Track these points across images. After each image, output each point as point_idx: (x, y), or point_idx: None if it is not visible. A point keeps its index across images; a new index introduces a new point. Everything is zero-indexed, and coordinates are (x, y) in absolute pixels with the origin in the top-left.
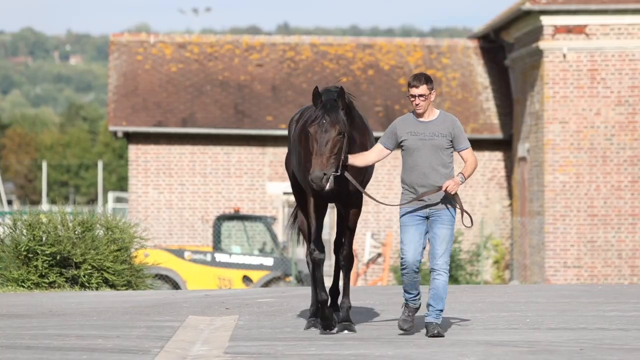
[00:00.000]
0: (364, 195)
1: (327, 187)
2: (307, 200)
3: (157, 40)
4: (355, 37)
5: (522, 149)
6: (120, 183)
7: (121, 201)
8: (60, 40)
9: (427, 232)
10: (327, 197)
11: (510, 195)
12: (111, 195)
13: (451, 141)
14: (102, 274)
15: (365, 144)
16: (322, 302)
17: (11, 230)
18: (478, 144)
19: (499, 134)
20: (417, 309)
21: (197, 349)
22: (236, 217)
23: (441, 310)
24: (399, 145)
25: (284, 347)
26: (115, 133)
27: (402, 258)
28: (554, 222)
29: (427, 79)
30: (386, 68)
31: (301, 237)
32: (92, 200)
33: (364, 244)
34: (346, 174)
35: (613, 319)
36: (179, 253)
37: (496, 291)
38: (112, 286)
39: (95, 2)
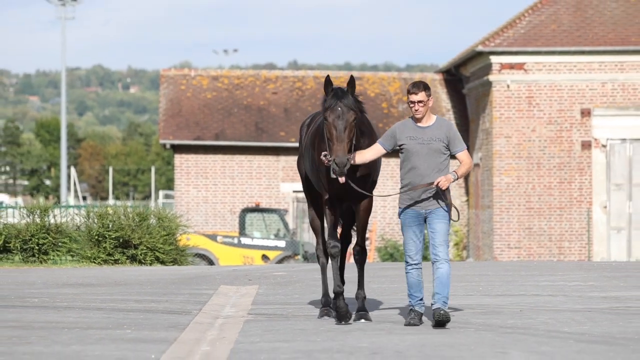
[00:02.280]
0: (374, 191)
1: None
2: (323, 199)
3: (196, 74)
4: (348, 71)
5: (476, 157)
6: (168, 184)
7: (169, 197)
8: (122, 74)
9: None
10: (341, 195)
11: (467, 192)
12: (161, 193)
13: (447, 145)
14: (155, 253)
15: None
16: (338, 293)
17: (85, 220)
18: None
19: None
20: (422, 314)
21: (227, 311)
22: (257, 209)
23: (447, 297)
24: (397, 148)
25: (294, 310)
26: (164, 145)
27: (406, 255)
28: (500, 213)
29: (425, 87)
30: (372, 95)
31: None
32: (147, 197)
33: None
34: (344, 178)
35: (545, 287)
36: (213, 237)
37: (456, 266)
38: (162, 262)
39: (150, 44)
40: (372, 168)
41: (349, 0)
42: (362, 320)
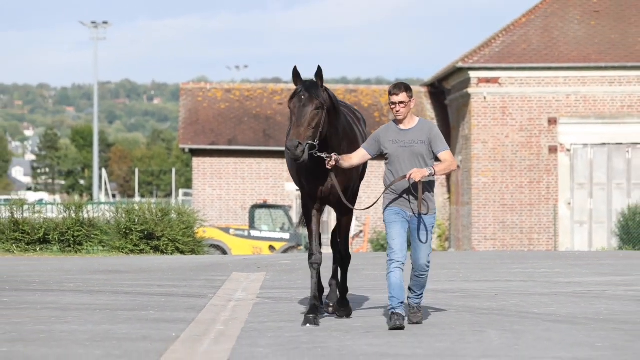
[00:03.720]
0: (357, 195)
1: (302, 158)
2: (303, 202)
3: (212, 87)
4: (345, 85)
5: (456, 160)
6: (187, 183)
7: (188, 195)
8: (147, 87)
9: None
10: (321, 199)
11: (449, 191)
12: (181, 192)
13: (430, 146)
14: (175, 244)
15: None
16: (313, 306)
17: (115, 215)
18: None
19: None
20: (404, 318)
21: (238, 294)
22: (264, 206)
23: (421, 296)
24: (381, 153)
25: (297, 294)
26: (183, 149)
27: (390, 251)
28: (478, 209)
29: (406, 88)
30: (366, 106)
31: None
32: (168, 195)
33: None
34: (332, 176)
35: (517, 274)
36: (226, 230)
37: (439, 256)
38: (182, 252)
39: (171, 61)
40: (353, 177)
41: (346, 23)
42: (344, 317)
